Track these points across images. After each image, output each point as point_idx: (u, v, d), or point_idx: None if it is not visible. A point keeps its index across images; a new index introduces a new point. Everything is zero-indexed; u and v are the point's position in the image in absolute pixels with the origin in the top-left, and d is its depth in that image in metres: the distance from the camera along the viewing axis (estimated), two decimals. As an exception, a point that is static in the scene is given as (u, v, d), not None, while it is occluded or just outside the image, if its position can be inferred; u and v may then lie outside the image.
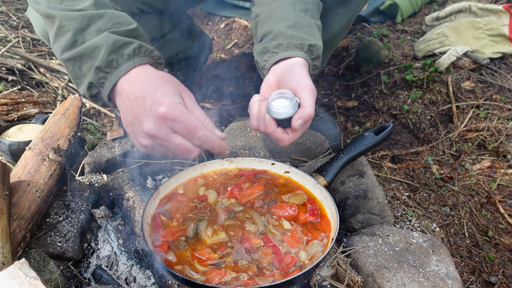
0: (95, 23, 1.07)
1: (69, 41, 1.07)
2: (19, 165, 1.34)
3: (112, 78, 1.05)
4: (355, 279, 1.28)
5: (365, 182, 1.59)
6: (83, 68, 1.07)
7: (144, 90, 1.03)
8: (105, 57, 1.03)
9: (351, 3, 1.84)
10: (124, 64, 1.05)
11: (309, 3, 1.38)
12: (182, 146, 1.03)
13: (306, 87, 1.19)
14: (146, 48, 1.09)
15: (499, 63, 2.57)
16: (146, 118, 1.01)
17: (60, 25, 1.07)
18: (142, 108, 1.01)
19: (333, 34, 1.95)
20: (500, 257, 1.80)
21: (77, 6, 1.09)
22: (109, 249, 1.40)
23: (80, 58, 1.06)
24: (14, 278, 0.93)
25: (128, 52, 1.06)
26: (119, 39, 1.05)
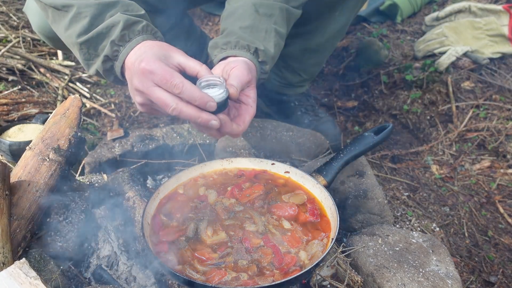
0: (109, 9, 1.19)
1: (85, 26, 1.18)
2: (19, 165, 1.34)
3: (125, 51, 1.17)
4: (355, 279, 1.29)
5: (365, 182, 1.59)
6: (98, 48, 1.19)
7: (137, 56, 1.15)
8: (119, 32, 1.16)
9: (347, 6, 1.84)
10: (135, 38, 1.17)
11: (276, 9, 1.40)
12: (162, 98, 1.10)
13: (234, 68, 1.23)
14: (152, 28, 1.23)
15: (499, 63, 2.57)
16: (134, 76, 1.13)
17: (77, 12, 1.19)
18: (133, 69, 1.14)
19: (330, 36, 1.96)
20: (500, 257, 1.80)
21: None
22: (109, 249, 1.40)
23: (97, 38, 1.18)
24: (14, 278, 0.94)
25: (138, 28, 1.18)
26: (131, 18, 1.18)
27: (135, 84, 1.12)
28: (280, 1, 1.41)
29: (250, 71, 1.24)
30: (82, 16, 1.19)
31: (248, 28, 1.35)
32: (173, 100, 1.09)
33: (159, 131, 1.86)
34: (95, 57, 1.21)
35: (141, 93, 1.13)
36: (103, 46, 1.18)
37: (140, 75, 1.11)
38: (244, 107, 1.25)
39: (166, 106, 1.09)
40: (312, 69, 2.14)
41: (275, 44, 1.37)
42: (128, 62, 1.17)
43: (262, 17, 1.37)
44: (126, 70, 1.19)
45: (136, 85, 1.12)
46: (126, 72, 1.19)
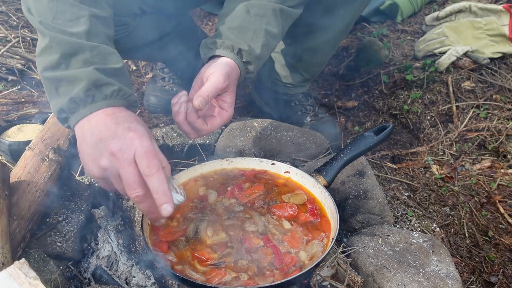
0: (83, 53, 1.09)
1: (53, 62, 1.09)
2: (19, 165, 1.34)
3: (83, 112, 1.08)
4: (355, 279, 1.28)
5: (365, 182, 1.59)
6: (59, 90, 1.10)
7: (118, 122, 1.06)
8: (83, 91, 1.07)
9: (352, 5, 1.84)
10: (98, 102, 1.08)
11: (268, 9, 1.41)
12: (131, 179, 1.00)
13: (212, 75, 1.25)
14: (125, 91, 1.12)
15: (499, 63, 2.57)
16: (115, 140, 1.02)
17: (48, 45, 1.09)
18: (113, 132, 1.04)
19: (334, 36, 1.95)
20: (500, 257, 1.80)
21: (69, 29, 1.10)
22: (109, 249, 1.40)
23: (59, 82, 1.09)
24: (14, 278, 0.93)
25: (106, 92, 1.09)
26: (102, 78, 1.08)
27: (115, 147, 1.01)
28: (274, 1, 1.42)
29: (228, 76, 1.26)
30: (53, 51, 1.09)
31: (236, 29, 1.37)
32: (140, 185, 1.00)
33: (159, 131, 1.85)
34: (56, 96, 1.11)
35: (115, 160, 1.01)
36: (63, 93, 1.08)
37: (126, 142, 1.00)
38: (219, 110, 1.30)
39: (132, 189, 1.00)
40: (314, 68, 2.14)
41: (263, 44, 1.39)
42: (89, 120, 1.08)
43: (252, 17, 1.39)
44: (85, 125, 1.08)
45: (114, 148, 1.01)
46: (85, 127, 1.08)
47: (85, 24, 1.11)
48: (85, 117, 1.08)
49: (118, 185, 1.05)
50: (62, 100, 1.09)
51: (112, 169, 1.02)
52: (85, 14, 1.12)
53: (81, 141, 1.08)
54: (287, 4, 1.46)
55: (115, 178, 1.04)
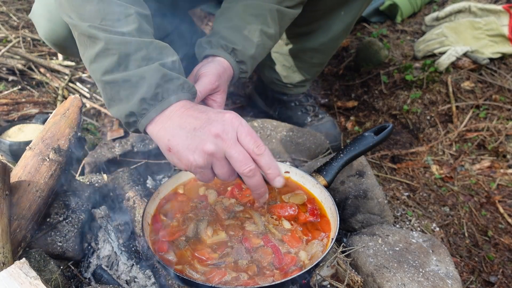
0: (141, 51, 1.07)
1: (112, 65, 1.06)
2: (19, 165, 1.34)
3: (155, 111, 1.07)
4: (355, 279, 1.29)
5: (365, 182, 1.59)
6: (121, 93, 1.07)
7: (203, 111, 1.07)
8: (152, 89, 1.05)
9: (353, 5, 1.84)
10: (168, 98, 1.07)
11: (265, 10, 1.41)
12: (243, 154, 1.02)
13: (203, 75, 1.25)
14: (189, 84, 1.12)
15: (499, 63, 2.57)
16: (214, 123, 1.03)
17: (105, 48, 1.06)
18: (207, 118, 1.04)
19: (334, 36, 1.95)
20: (500, 257, 1.80)
21: (120, 28, 1.08)
22: (109, 249, 1.40)
23: (122, 84, 1.07)
24: (14, 278, 0.94)
25: (173, 87, 1.07)
26: (167, 74, 1.07)
27: (218, 129, 1.01)
28: (270, 1, 1.43)
29: (219, 77, 1.27)
30: (110, 53, 1.06)
31: (231, 29, 1.37)
32: (251, 160, 1.03)
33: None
34: (117, 101, 1.09)
35: (221, 142, 1.01)
36: (128, 95, 1.07)
37: (226, 123, 1.02)
38: None
39: (244, 164, 1.02)
40: (314, 69, 2.14)
41: (258, 44, 1.39)
42: (167, 116, 1.07)
43: (248, 17, 1.40)
44: (164, 122, 1.07)
45: (218, 131, 1.01)
46: (165, 123, 1.07)
47: (134, 23, 1.10)
48: (159, 115, 1.07)
49: (222, 168, 1.05)
50: (129, 103, 1.06)
51: (219, 152, 1.02)
52: (132, 13, 1.11)
53: (171, 138, 1.05)
54: (284, 4, 1.47)
55: (221, 161, 1.04)
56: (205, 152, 1.02)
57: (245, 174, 1.03)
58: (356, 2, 1.84)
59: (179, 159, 1.06)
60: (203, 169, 1.05)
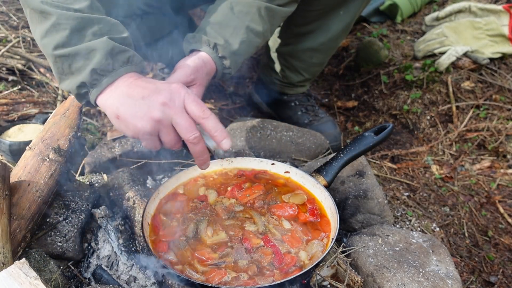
0: (92, 26, 1.12)
1: (64, 39, 1.10)
2: (19, 165, 1.34)
3: (106, 81, 1.11)
4: (355, 279, 1.29)
5: (365, 182, 1.59)
6: (72, 67, 1.12)
7: (151, 81, 1.12)
8: (103, 60, 1.09)
9: (351, 5, 1.84)
10: (118, 70, 1.12)
11: (253, 7, 1.43)
12: (189, 122, 1.07)
13: (179, 67, 1.30)
14: (137, 57, 1.17)
15: (499, 63, 2.57)
16: (162, 92, 1.07)
17: (56, 22, 1.10)
18: (155, 88, 1.09)
19: (334, 36, 1.95)
20: (500, 257, 1.80)
21: (72, 5, 1.12)
22: (109, 249, 1.40)
23: (73, 57, 1.11)
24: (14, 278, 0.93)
25: (123, 59, 1.13)
26: (117, 46, 1.12)
27: (165, 97, 1.07)
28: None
29: (195, 70, 1.31)
30: (61, 28, 1.10)
31: (217, 24, 1.41)
32: (196, 128, 1.08)
33: (159, 131, 1.85)
34: (68, 74, 1.14)
35: (168, 109, 1.07)
36: (79, 67, 1.11)
37: (173, 91, 1.08)
38: None
39: (189, 131, 1.07)
40: (314, 68, 2.14)
41: (242, 41, 1.42)
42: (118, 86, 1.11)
43: (235, 14, 1.43)
44: (114, 92, 1.12)
45: (165, 98, 1.06)
46: (115, 93, 1.11)
47: (86, 1, 1.14)
48: (109, 86, 1.12)
49: (168, 135, 1.10)
50: (80, 75, 1.11)
51: (166, 119, 1.07)
52: None
53: (119, 106, 1.10)
54: (275, 2, 1.48)
55: (167, 128, 1.09)
56: (153, 119, 1.07)
57: (190, 140, 1.09)
58: (355, 2, 1.83)
59: (126, 126, 1.10)
60: (150, 136, 1.10)
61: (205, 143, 1.15)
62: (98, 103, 1.15)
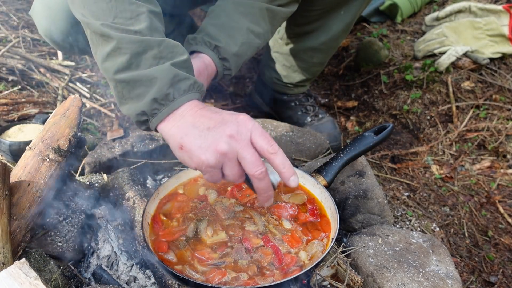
0: (152, 49, 1.08)
1: (124, 63, 1.07)
2: (19, 165, 1.34)
3: (166, 110, 1.07)
4: (355, 279, 1.29)
5: (365, 182, 1.59)
6: (132, 93, 1.09)
7: (216, 111, 1.07)
8: (164, 89, 1.06)
9: (352, 5, 1.84)
10: (179, 98, 1.08)
11: (254, 8, 1.43)
12: (255, 156, 1.02)
13: None
14: (199, 84, 1.13)
15: (499, 63, 2.57)
16: (229, 124, 1.03)
17: (117, 47, 1.07)
18: (221, 119, 1.04)
19: (334, 36, 1.95)
20: (500, 257, 1.80)
21: (131, 27, 1.08)
22: (109, 249, 1.40)
23: (134, 83, 1.08)
24: (14, 278, 0.94)
25: (184, 87, 1.08)
26: (178, 74, 1.08)
27: (232, 129, 1.02)
28: (261, 0, 1.44)
29: (199, 73, 1.29)
30: (122, 52, 1.07)
31: (217, 26, 1.40)
32: (262, 163, 1.04)
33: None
34: (128, 99, 1.10)
35: (235, 141, 1.02)
36: (140, 94, 1.08)
37: (240, 124, 1.03)
38: None
39: (256, 166, 1.02)
40: (315, 68, 2.14)
41: (243, 42, 1.41)
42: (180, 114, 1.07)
43: (236, 15, 1.42)
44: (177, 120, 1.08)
45: (232, 131, 1.02)
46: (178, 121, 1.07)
47: (145, 21, 1.10)
48: (170, 114, 1.07)
49: (232, 169, 1.04)
50: (140, 102, 1.07)
51: (231, 152, 1.02)
52: (144, 11, 1.11)
53: (183, 136, 1.05)
54: (275, 3, 1.47)
55: (232, 162, 1.04)
56: (218, 152, 1.02)
57: (256, 176, 1.03)
58: (356, 2, 1.84)
59: (190, 157, 1.05)
60: (214, 168, 1.05)
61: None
62: (159, 131, 1.11)
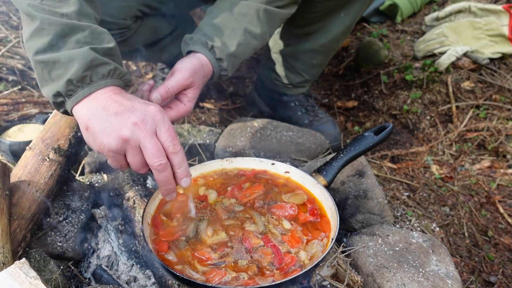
0: (76, 33, 1.08)
1: (45, 44, 1.07)
2: (19, 165, 1.34)
3: (82, 93, 1.08)
4: (355, 279, 1.29)
5: (365, 182, 1.59)
6: (52, 74, 1.08)
7: (130, 98, 1.08)
8: (80, 72, 1.05)
9: (353, 7, 1.84)
10: (97, 82, 1.08)
11: (251, 9, 1.43)
12: (156, 147, 1.03)
13: (178, 70, 1.28)
14: (121, 70, 1.13)
15: (499, 63, 2.57)
16: (136, 112, 1.04)
17: (40, 27, 1.07)
18: (131, 106, 1.05)
19: (334, 38, 1.96)
20: (500, 257, 1.80)
21: (59, 9, 1.09)
22: (109, 249, 1.40)
23: (53, 64, 1.07)
24: (14, 278, 0.94)
25: (103, 71, 1.09)
26: (98, 58, 1.08)
27: (138, 117, 1.03)
28: (259, 1, 1.44)
29: (194, 73, 1.29)
30: (44, 33, 1.06)
31: (214, 26, 1.40)
32: (164, 155, 1.05)
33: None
34: (48, 81, 1.10)
35: (138, 130, 1.02)
36: (58, 76, 1.07)
37: (148, 114, 1.04)
38: (177, 103, 1.32)
39: (155, 157, 1.03)
40: (314, 70, 2.14)
41: (240, 43, 1.42)
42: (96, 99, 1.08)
43: (233, 16, 1.42)
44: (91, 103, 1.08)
45: (138, 119, 1.02)
46: (91, 105, 1.07)
47: (74, 5, 1.10)
48: (86, 97, 1.08)
49: (134, 157, 1.05)
50: (57, 83, 1.08)
51: (134, 140, 1.03)
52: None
53: (91, 118, 1.06)
54: (274, 4, 1.47)
55: (134, 150, 1.05)
56: (120, 137, 1.03)
57: (155, 167, 1.04)
58: (356, 4, 1.84)
59: (94, 139, 1.07)
60: (116, 154, 1.07)
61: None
62: (73, 113, 1.11)
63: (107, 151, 1.06)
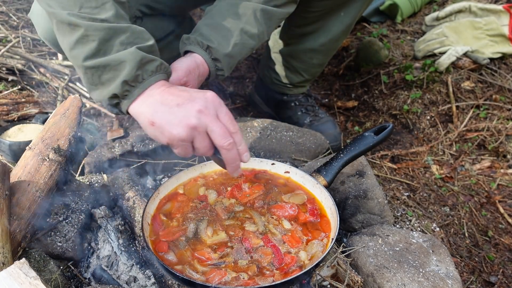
0: (119, 36, 1.12)
1: (93, 50, 1.11)
2: (19, 165, 1.34)
3: (137, 91, 1.13)
4: (355, 279, 1.29)
5: (365, 182, 1.59)
6: (102, 78, 1.13)
7: (184, 89, 1.14)
8: (133, 72, 1.11)
9: (352, 6, 1.84)
10: (148, 80, 1.14)
11: (249, 9, 1.44)
12: (223, 129, 1.09)
13: (173, 70, 1.29)
14: (165, 65, 1.19)
15: (499, 63, 2.57)
16: (197, 100, 1.09)
17: (84, 34, 1.11)
18: (189, 96, 1.11)
19: (334, 37, 1.95)
20: (500, 257, 1.80)
21: (98, 15, 1.12)
22: (109, 249, 1.40)
23: (103, 68, 1.12)
24: (14, 278, 0.94)
25: (152, 68, 1.14)
26: (145, 56, 1.13)
27: (201, 105, 1.08)
28: (256, 1, 1.44)
29: (189, 73, 1.32)
30: (90, 40, 1.11)
31: (210, 26, 1.41)
32: (230, 135, 1.11)
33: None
34: (99, 85, 1.15)
35: (204, 116, 1.08)
36: (109, 79, 1.12)
37: (208, 100, 1.10)
38: None
39: (224, 138, 1.09)
40: (314, 69, 2.14)
41: (236, 43, 1.42)
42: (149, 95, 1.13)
43: (230, 16, 1.43)
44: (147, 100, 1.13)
45: (201, 106, 1.08)
46: (148, 101, 1.13)
47: (111, 9, 1.14)
48: (140, 95, 1.13)
49: (202, 142, 1.11)
50: (110, 86, 1.12)
51: (201, 126, 1.08)
52: (109, 0, 1.15)
53: (153, 113, 1.11)
54: (271, 4, 1.47)
55: (202, 135, 1.10)
56: (189, 126, 1.08)
57: (225, 147, 1.10)
58: (356, 4, 1.83)
59: (162, 132, 1.11)
60: (184, 142, 1.11)
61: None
62: (130, 112, 1.16)
63: (177, 141, 1.10)
